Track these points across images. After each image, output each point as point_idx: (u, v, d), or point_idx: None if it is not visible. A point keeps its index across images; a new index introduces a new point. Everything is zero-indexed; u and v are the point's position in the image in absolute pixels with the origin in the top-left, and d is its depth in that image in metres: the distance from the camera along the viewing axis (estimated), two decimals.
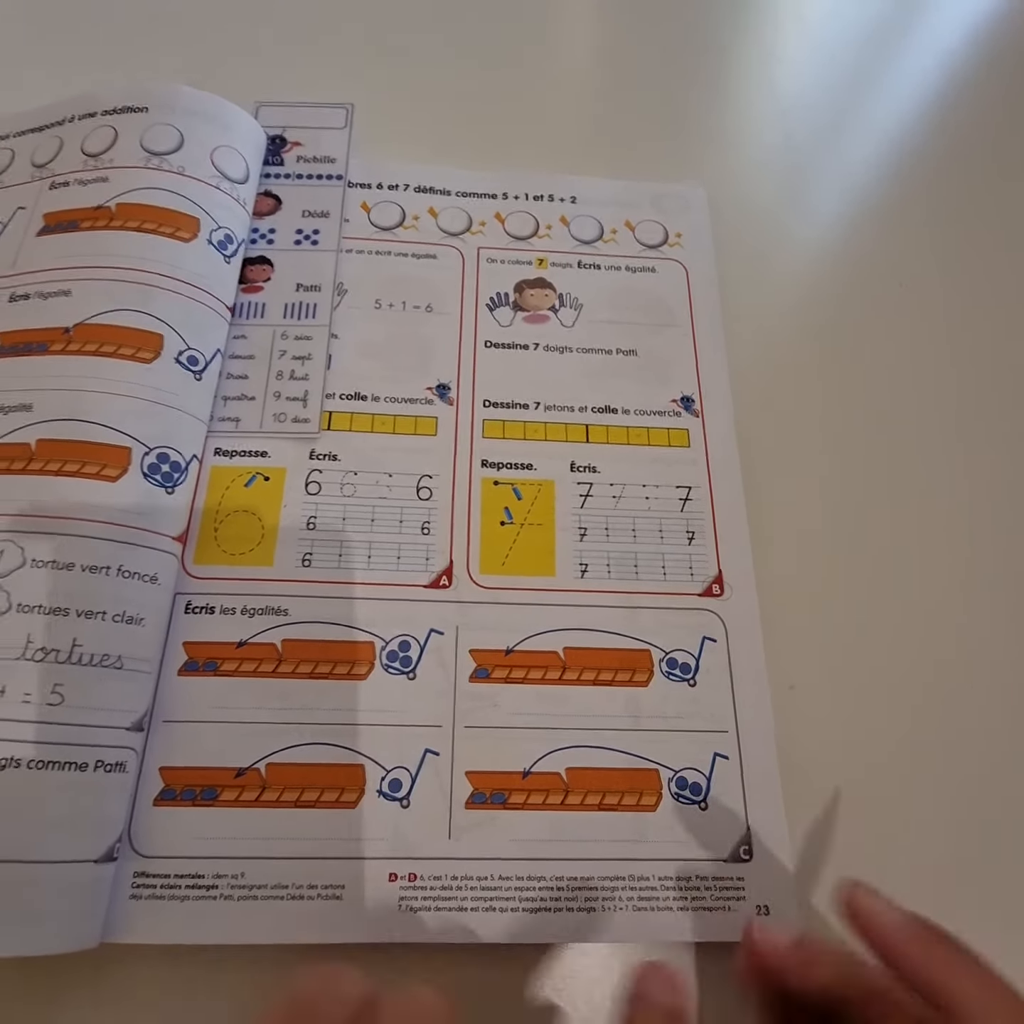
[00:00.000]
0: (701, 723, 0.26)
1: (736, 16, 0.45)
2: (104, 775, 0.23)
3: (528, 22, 0.44)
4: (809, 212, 0.38)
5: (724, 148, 0.40)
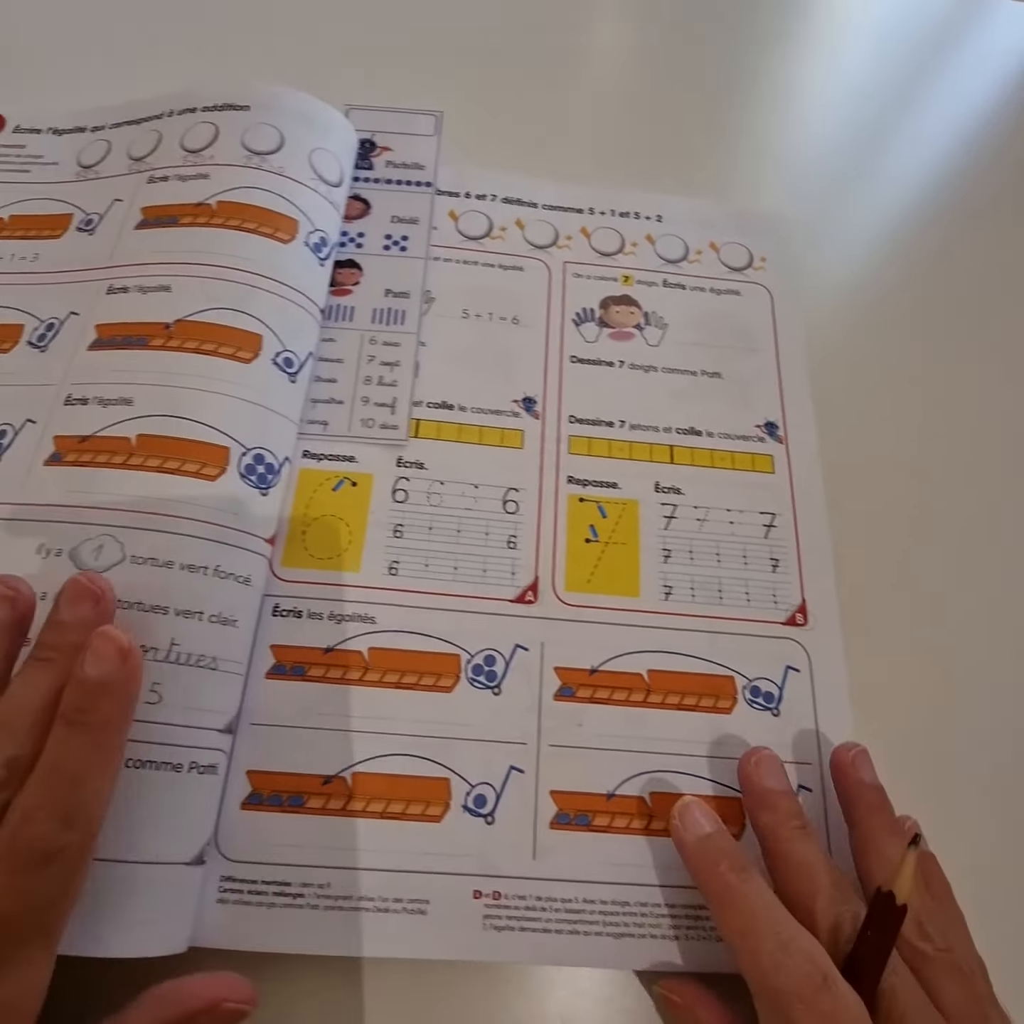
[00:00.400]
0: (784, 754, 0.26)
1: (812, 43, 0.45)
2: (197, 777, 0.23)
3: (616, 39, 0.44)
4: (891, 238, 0.38)
5: (804, 172, 0.40)
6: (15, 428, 0.27)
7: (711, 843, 0.23)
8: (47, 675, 0.21)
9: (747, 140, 0.41)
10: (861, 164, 0.41)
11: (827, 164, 0.40)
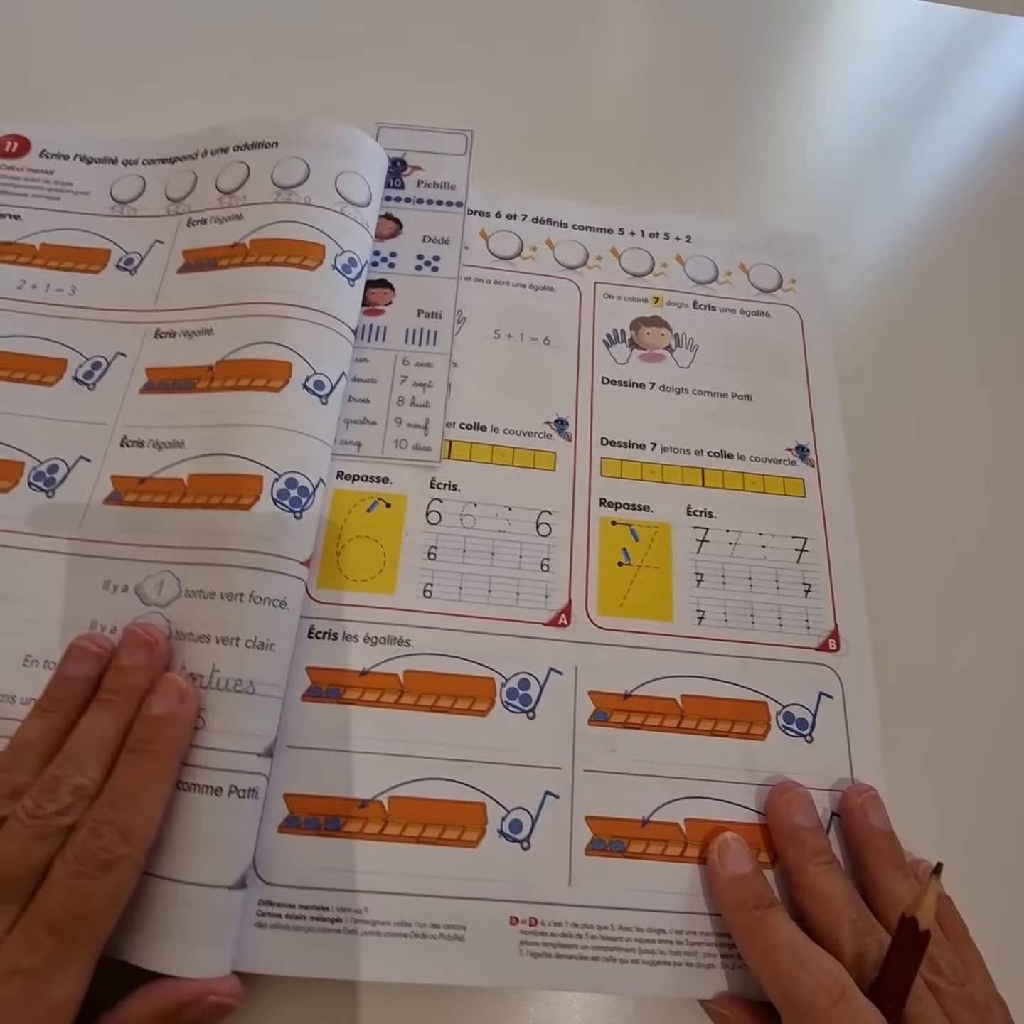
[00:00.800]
0: (817, 780, 0.26)
1: (844, 65, 0.45)
2: (238, 801, 0.23)
3: (643, 59, 0.44)
4: (919, 258, 0.38)
5: (832, 192, 0.40)
6: (68, 464, 0.28)
7: (744, 883, 0.24)
8: (109, 715, 0.23)
9: (774, 158, 0.41)
10: (887, 182, 0.41)
11: (853, 183, 0.40)
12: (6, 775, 0.22)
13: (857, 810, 0.25)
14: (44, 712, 0.23)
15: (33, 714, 0.23)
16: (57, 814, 0.21)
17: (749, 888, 0.24)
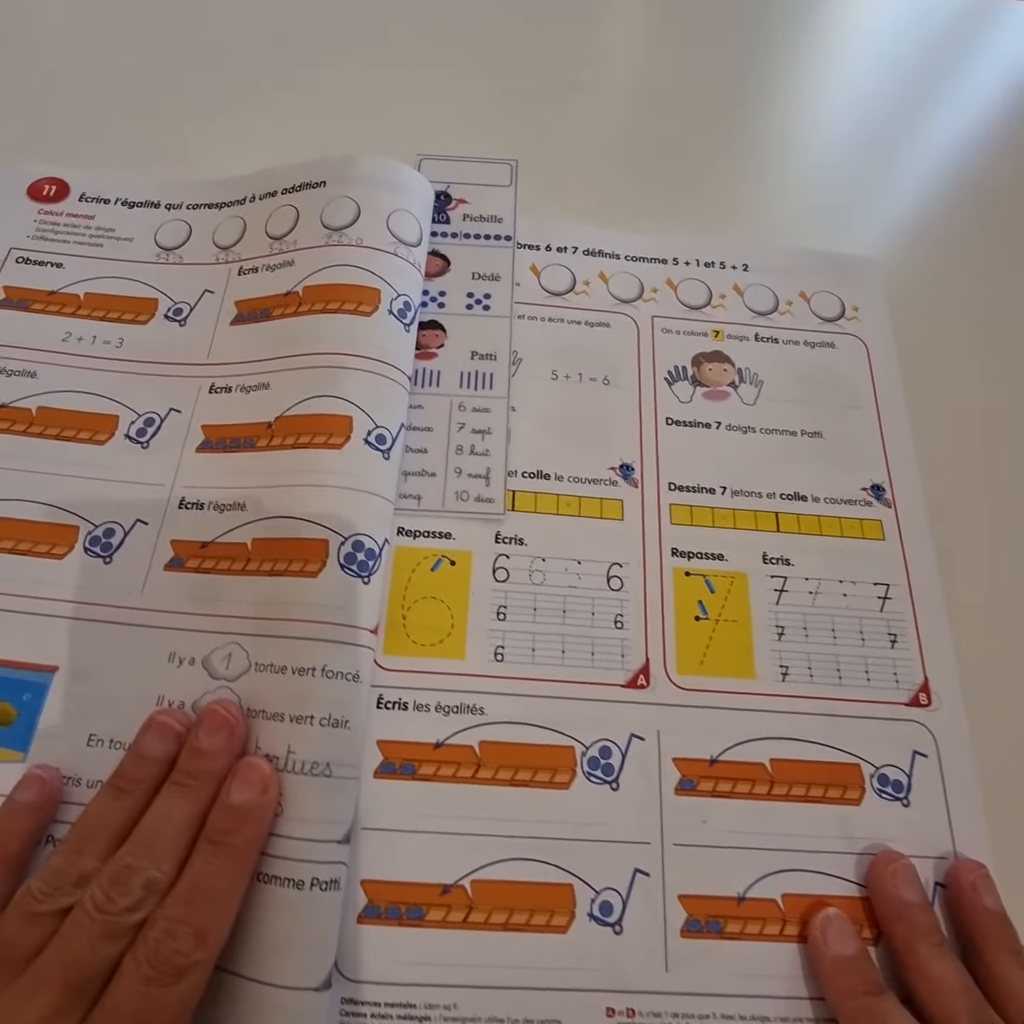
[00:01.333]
0: (917, 847, 0.25)
1: (905, 81, 0.44)
2: (320, 894, 0.21)
3: (690, 81, 0.43)
4: (986, 281, 0.37)
5: (890, 213, 0.38)
6: (124, 528, 0.27)
7: (852, 965, 0.23)
8: (185, 801, 0.21)
9: (822, 179, 0.39)
10: (947, 201, 0.39)
11: (914, 201, 0.39)
12: (74, 860, 0.21)
13: (968, 888, 0.24)
14: (119, 792, 0.22)
15: (106, 793, 0.22)
16: (127, 910, 0.19)
17: (858, 971, 0.22)
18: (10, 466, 0.28)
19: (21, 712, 0.25)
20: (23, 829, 0.22)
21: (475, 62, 0.41)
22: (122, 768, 0.22)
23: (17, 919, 0.20)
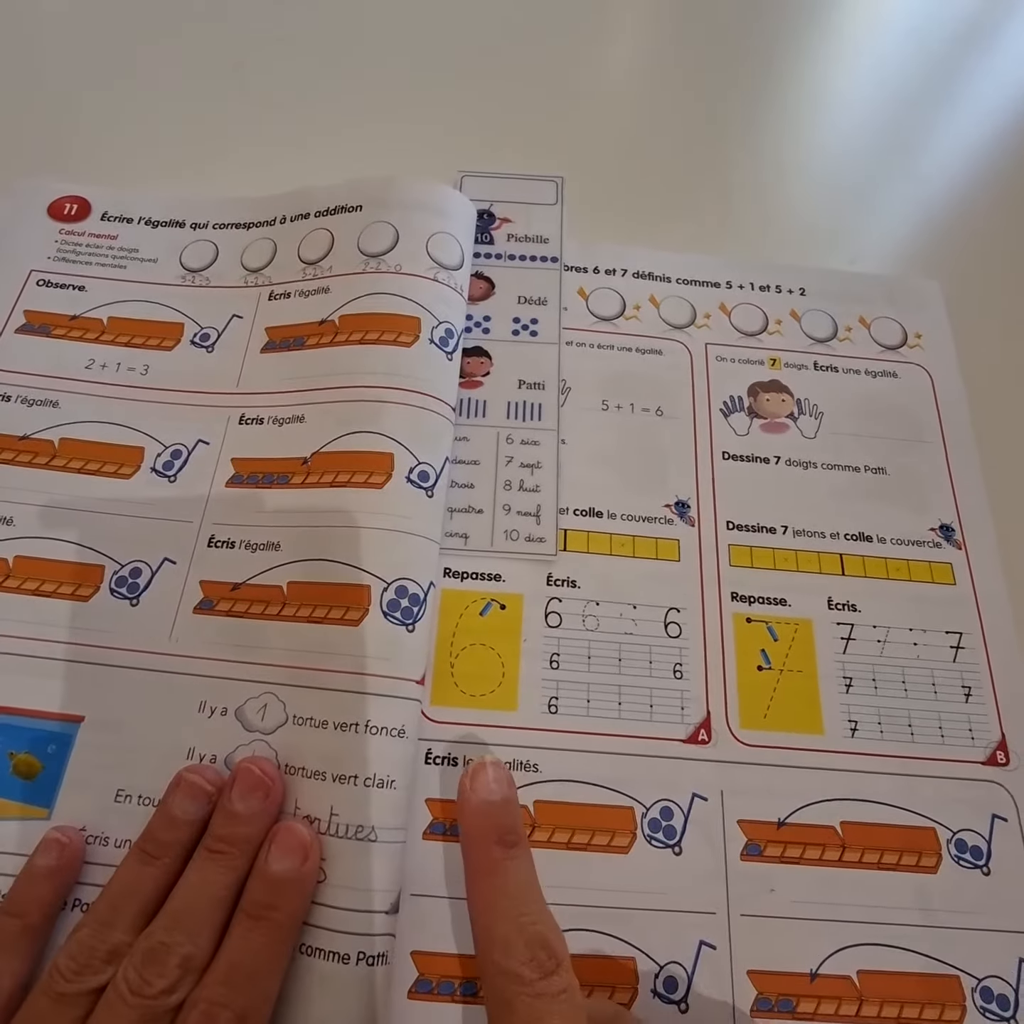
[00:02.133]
0: (1000, 921, 0.24)
1: (957, 85, 0.43)
2: (367, 969, 0.20)
3: (745, 98, 0.42)
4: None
5: (955, 234, 0.37)
6: (152, 568, 0.26)
7: (493, 811, 0.22)
8: (220, 870, 0.20)
9: (880, 200, 0.38)
10: (1016, 219, 0.38)
11: (977, 222, 0.38)
12: (103, 933, 0.20)
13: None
14: (147, 857, 0.21)
15: (133, 858, 0.21)
16: (164, 992, 0.18)
17: (496, 817, 0.22)
18: (32, 501, 0.27)
19: (46, 765, 0.24)
20: (44, 898, 0.21)
21: (519, 76, 0.40)
22: (150, 831, 0.22)
23: (47, 1001, 0.19)
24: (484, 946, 0.20)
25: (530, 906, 0.20)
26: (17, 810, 0.23)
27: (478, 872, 0.21)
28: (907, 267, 0.35)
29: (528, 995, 0.18)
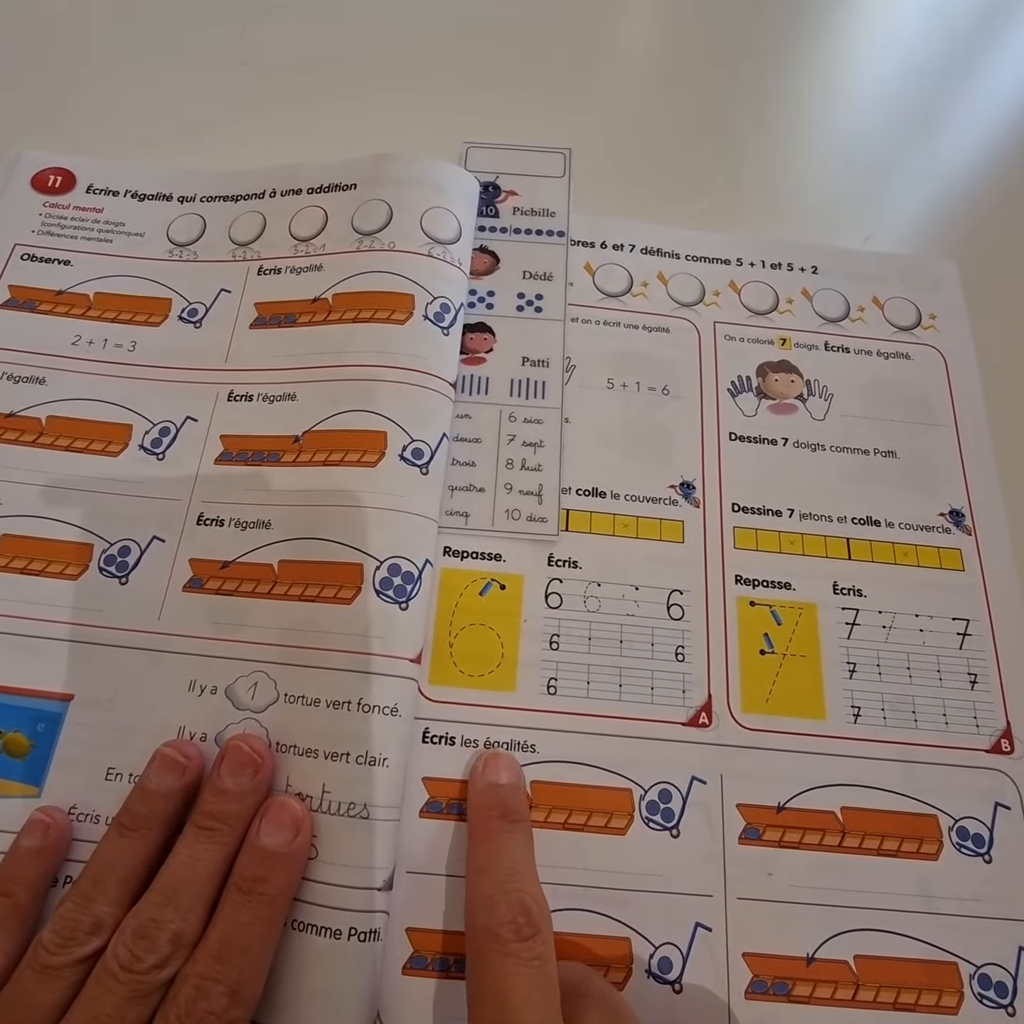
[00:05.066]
0: (1001, 908, 0.25)
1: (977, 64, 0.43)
2: (359, 945, 0.22)
3: (758, 71, 0.42)
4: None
5: (973, 212, 0.38)
6: (140, 546, 0.27)
7: (499, 792, 0.24)
8: (210, 846, 0.21)
9: (897, 177, 0.39)
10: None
11: (995, 200, 0.38)
12: (85, 906, 0.21)
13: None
14: (125, 830, 0.22)
15: (113, 832, 0.22)
16: (155, 967, 0.19)
17: (501, 797, 0.23)
18: (19, 479, 0.28)
19: (36, 743, 0.25)
20: (29, 878, 0.22)
21: (528, 46, 0.41)
22: (127, 805, 0.23)
23: (32, 974, 0.20)
24: (470, 904, 0.21)
25: (520, 875, 0.22)
26: (7, 788, 0.24)
27: (477, 839, 0.23)
28: (923, 246, 0.36)
29: (500, 952, 0.20)
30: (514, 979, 0.19)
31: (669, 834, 0.25)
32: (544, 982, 0.20)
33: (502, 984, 0.19)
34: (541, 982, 0.20)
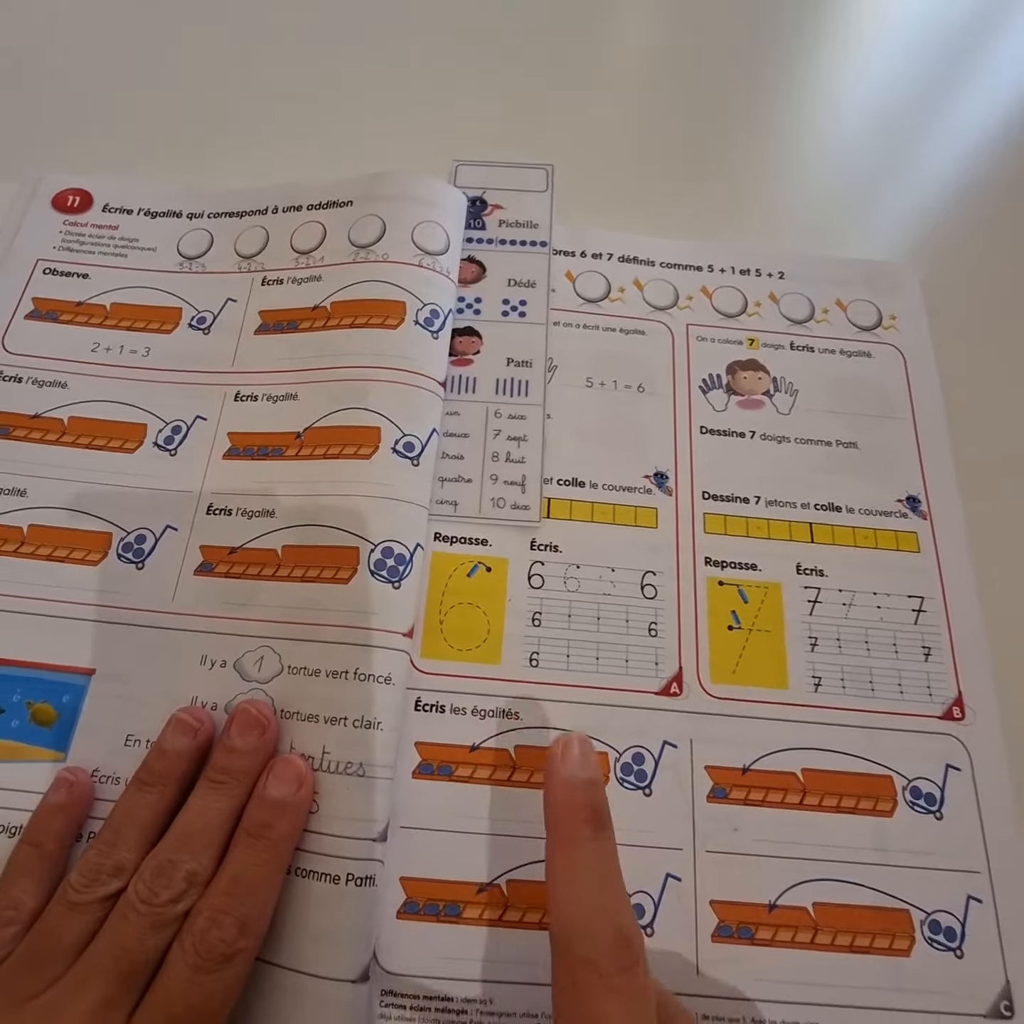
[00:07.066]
0: (951, 861, 0.26)
1: (938, 75, 0.46)
2: (355, 889, 0.24)
3: (725, 86, 0.45)
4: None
5: (931, 219, 0.40)
6: (155, 534, 0.29)
7: (584, 789, 0.22)
8: (220, 797, 0.24)
9: (861, 185, 0.41)
10: (989, 204, 0.41)
11: (952, 206, 0.41)
12: (107, 852, 0.23)
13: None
14: (143, 786, 0.24)
15: (132, 788, 0.24)
16: (171, 901, 0.22)
17: (588, 796, 0.22)
18: (44, 475, 0.30)
19: (61, 713, 0.27)
20: (56, 829, 0.25)
21: (512, 68, 0.43)
22: (145, 764, 0.25)
23: (61, 910, 0.22)
24: (562, 926, 0.20)
25: (614, 895, 0.21)
26: (36, 754, 0.26)
27: (563, 844, 0.22)
28: (886, 252, 0.38)
29: (603, 987, 0.19)
30: (619, 1015, 0.19)
31: (642, 793, 0.27)
32: (645, 1015, 0.19)
33: (605, 1021, 0.19)
34: (643, 1016, 0.19)
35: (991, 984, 0.25)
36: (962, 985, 0.25)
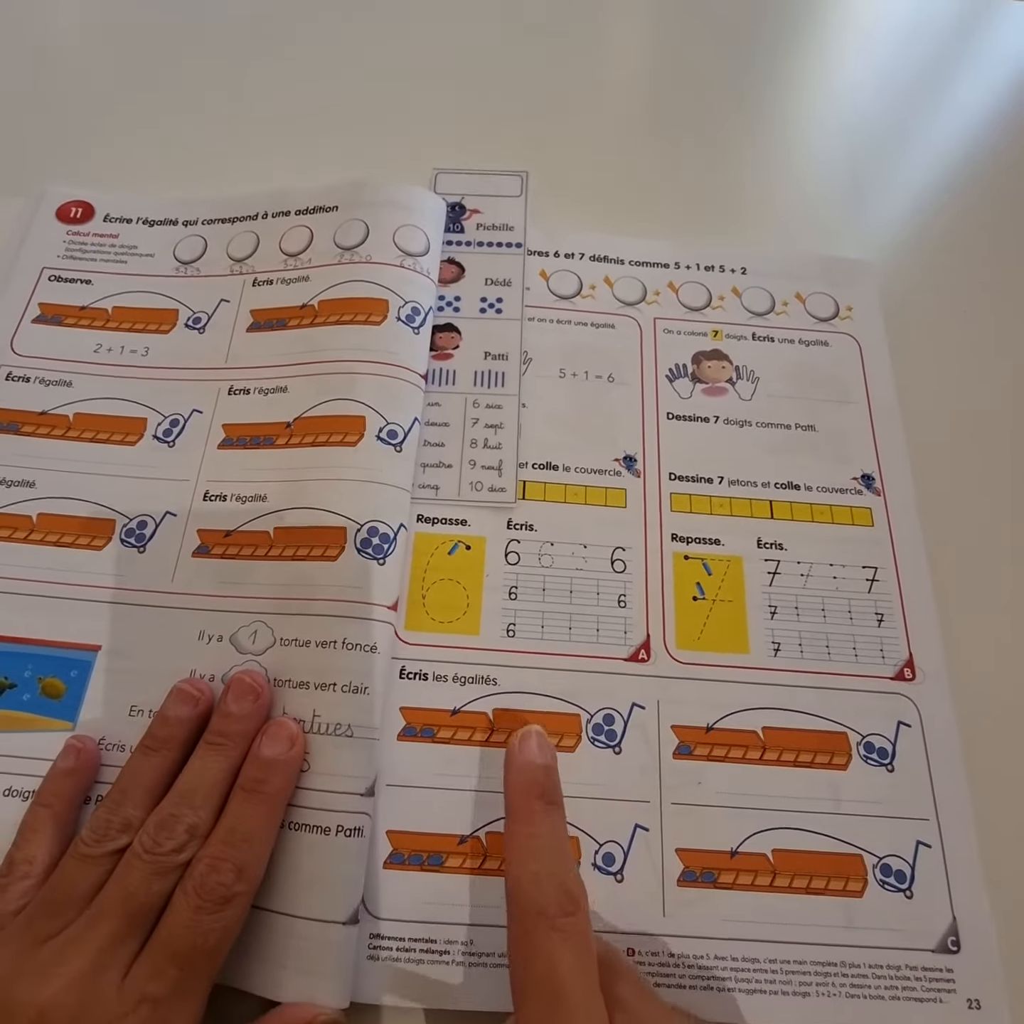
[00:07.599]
0: (901, 809, 0.28)
1: (902, 82, 0.48)
2: (345, 839, 0.25)
3: (689, 90, 0.47)
4: (977, 281, 0.41)
5: (887, 215, 0.42)
6: (156, 520, 0.31)
7: (537, 773, 0.26)
8: (219, 758, 0.25)
9: (818, 183, 0.43)
10: (941, 202, 0.43)
11: (906, 203, 0.43)
12: (116, 810, 0.25)
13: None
14: (148, 751, 0.26)
15: (138, 753, 0.26)
16: (174, 851, 0.23)
17: (539, 778, 0.25)
18: (51, 467, 0.32)
19: (70, 687, 0.29)
20: (65, 792, 0.27)
21: (488, 80, 0.46)
22: (149, 730, 0.27)
23: (73, 862, 0.24)
24: (516, 882, 0.23)
25: (561, 859, 0.24)
26: (47, 724, 0.28)
27: (519, 818, 0.25)
28: (843, 248, 0.40)
29: (548, 927, 0.22)
30: (563, 952, 0.21)
31: (612, 751, 0.29)
32: (587, 955, 0.22)
33: (552, 956, 0.21)
34: (585, 955, 0.22)
35: (939, 922, 0.27)
36: (912, 923, 0.27)
